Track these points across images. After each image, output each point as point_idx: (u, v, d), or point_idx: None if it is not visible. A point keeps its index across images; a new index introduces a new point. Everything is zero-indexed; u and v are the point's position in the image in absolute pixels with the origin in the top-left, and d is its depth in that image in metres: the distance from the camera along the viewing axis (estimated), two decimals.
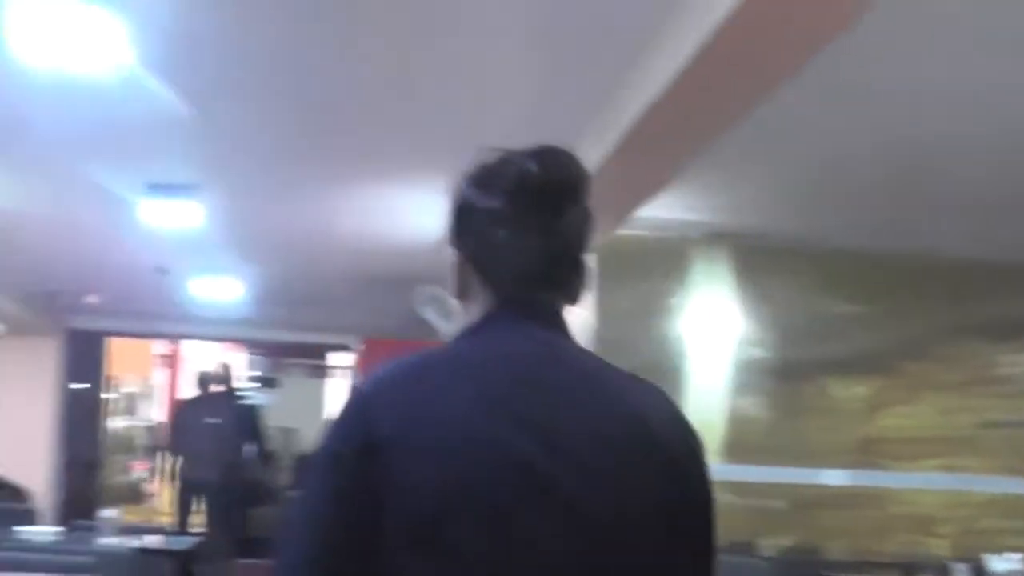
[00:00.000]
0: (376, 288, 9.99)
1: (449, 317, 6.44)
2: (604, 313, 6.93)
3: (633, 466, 1.58)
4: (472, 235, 1.75)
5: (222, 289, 10.19)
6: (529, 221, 1.69)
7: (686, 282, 7.76)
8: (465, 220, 1.77)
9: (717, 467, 2.40)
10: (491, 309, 1.71)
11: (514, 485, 1.50)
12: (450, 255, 1.79)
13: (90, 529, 6.86)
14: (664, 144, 5.10)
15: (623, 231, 6.55)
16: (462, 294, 1.78)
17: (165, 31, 4.86)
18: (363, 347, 11.05)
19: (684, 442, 1.67)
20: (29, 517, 8.01)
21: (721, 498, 1.67)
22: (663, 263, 7.80)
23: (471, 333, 1.72)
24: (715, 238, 7.73)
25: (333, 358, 14.05)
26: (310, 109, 5.86)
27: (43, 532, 6.71)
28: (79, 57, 4.82)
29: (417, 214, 7.64)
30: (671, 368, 7.48)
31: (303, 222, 8.26)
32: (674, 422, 1.68)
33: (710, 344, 7.71)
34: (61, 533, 6.74)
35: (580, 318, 2.59)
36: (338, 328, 11.76)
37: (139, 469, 15.41)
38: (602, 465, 1.55)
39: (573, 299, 1.75)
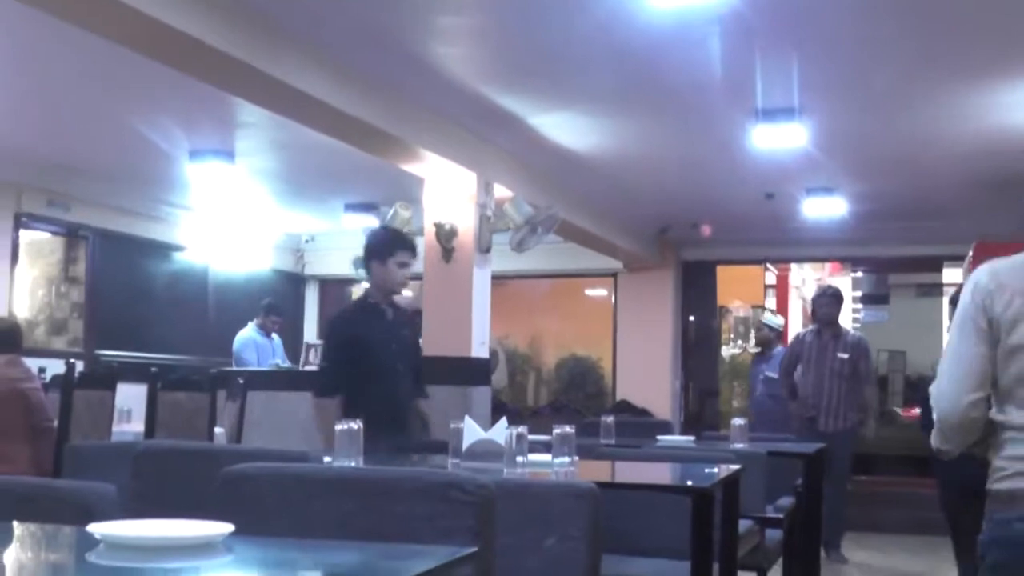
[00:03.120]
0: (989, 191, 9.66)
1: None
2: None
3: None
4: None
5: (827, 208, 10.33)
6: None
7: None
8: None
9: None
10: None
11: None
12: None
13: (719, 438, 7.36)
14: None
15: None
16: None
17: None
18: (973, 252, 10.71)
19: None
20: (663, 428, 8.62)
21: None
22: None
23: None
24: None
25: (948, 272, 13.64)
26: (910, 13, 5.84)
27: (680, 439, 7.23)
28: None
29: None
30: None
31: (906, 132, 8.19)
32: None
33: None
34: (694, 440, 7.22)
35: None
36: (949, 238, 11.44)
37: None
38: None
39: None
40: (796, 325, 17.10)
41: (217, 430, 7.49)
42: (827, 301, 9.50)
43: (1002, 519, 2.65)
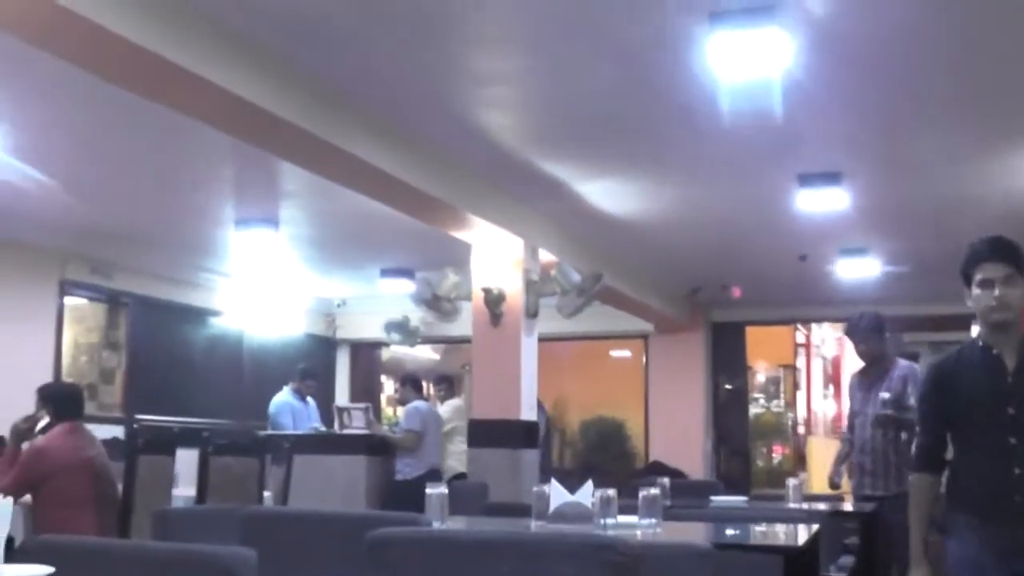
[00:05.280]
0: None
1: None
2: None
3: None
4: None
5: (860, 269, 10.43)
6: None
7: None
8: None
9: None
10: None
11: None
12: None
13: (772, 498, 7.38)
14: None
15: None
16: None
17: (824, 33, 5.23)
18: None
19: None
20: (711, 489, 8.64)
21: None
22: None
23: None
24: None
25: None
26: (963, 76, 5.95)
27: (734, 500, 7.26)
28: (744, 66, 5.34)
29: None
30: None
31: (943, 192, 8.30)
32: None
33: None
34: (746, 500, 7.24)
35: None
36: None
37: (778, 453, 15.95)
38: None
39: None
40: (818, 385, 17.17)
41: (266, 493, 7.56)
42: (863, 335, 7.05)
43: None
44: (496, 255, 8.31)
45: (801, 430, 16.30)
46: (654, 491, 4.16)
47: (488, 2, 4.97)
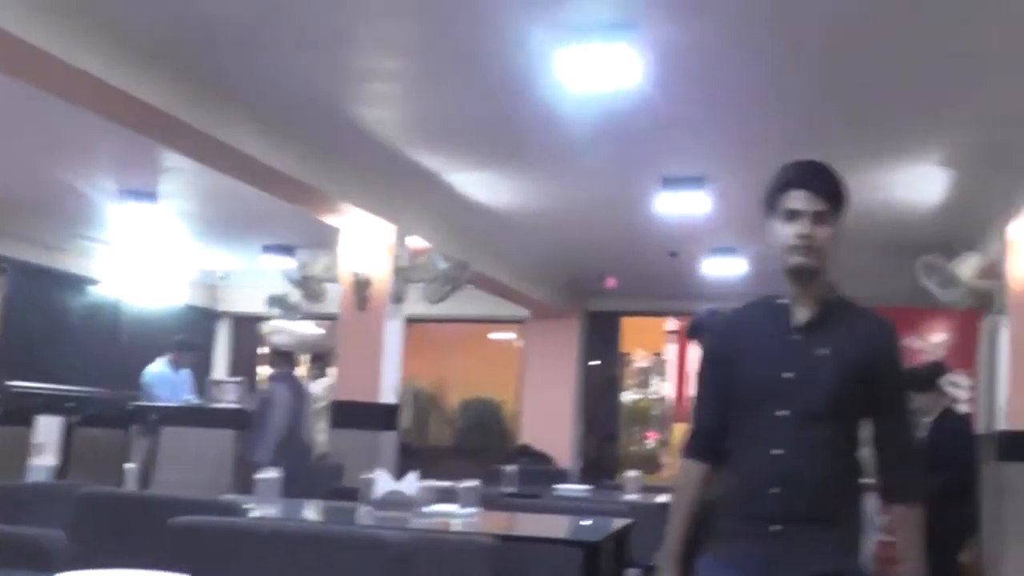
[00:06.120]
0: (881, 257, 10.21)
1: (947, 284, 6.69)
2: None
3: None
4: None
5: (728, 267, 10.78)
6: None
7: None
8: None
9: None
10: None
11: None
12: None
13: (614, 488, 7.70)
14: None
15: None
16: None
17: (674, 50, 5.53)
18: None
19: None
20: (561, 477, 8.89)
21: None
22: None
23: None
24: None
25: None
26: (815, 100, 6.30)
27: (576, 488, 7.56)
28: (602, 80, 5.62)
29: (915, 186, 7.91)
30: None
31: None
32: None
33: None
34: (590, 490, 7.51)
35: None
36: None
37: (652, 439, 16.38)
38: None
39: None
40: (690, 374, 17.60)
41: (129, 466, 7.63)
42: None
43: None
44: (367, 240, 8.49)
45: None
46: (473, 483, 4.42)
47: (369, 8, 5.21)
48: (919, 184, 7.90)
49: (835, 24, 5.20)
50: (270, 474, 4.30)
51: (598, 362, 14.12)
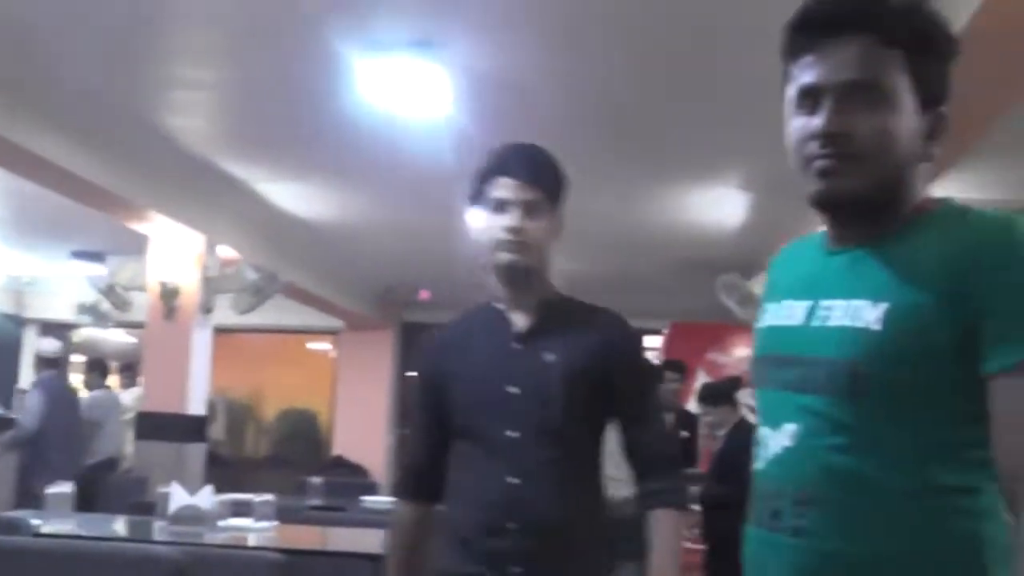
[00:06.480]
0: (684, 275, 10.58)
1: (746, 303, 7.03)
2: None
3: None
4: None
5: None
6: None
7: None
8: None
9: None
10: None
11: None
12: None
13: None
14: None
15: None
16: None
17: (483, 78, 5.66)
18: (670, 331, 11.61)
19: None
20: (371, 489, 8.92)
21: None
22: None
23: None
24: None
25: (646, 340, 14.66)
26: (607, 127, 6.53)
27: (384, 500, 7.62)
28: (410, 102, 5.74)
29: (715, 208, 8.24)
30: None
31: (618, 223, 8.97)
32: None
33: None
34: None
35: None
36: (646, 314, 12.32)
37: None
38: None
39: None
40: None
41: None
42: None
43: None
44: (176, 249, 8.39)
45: None
46: (267, 496, 4.45)
47: (176, 16, 5.19)
48: (719, 206, 8.25)
49: (630, 51, 5.41)
50: (61, 489, 4.24)
51: (414, 373, 14.16)
